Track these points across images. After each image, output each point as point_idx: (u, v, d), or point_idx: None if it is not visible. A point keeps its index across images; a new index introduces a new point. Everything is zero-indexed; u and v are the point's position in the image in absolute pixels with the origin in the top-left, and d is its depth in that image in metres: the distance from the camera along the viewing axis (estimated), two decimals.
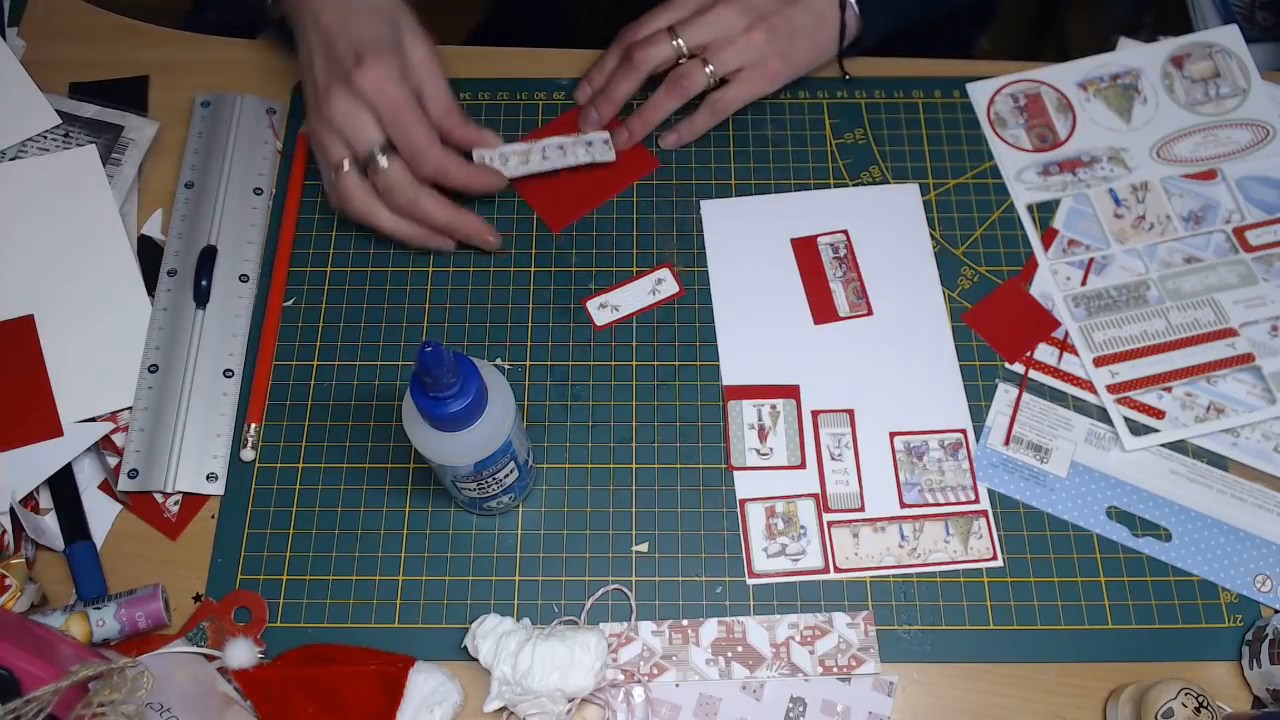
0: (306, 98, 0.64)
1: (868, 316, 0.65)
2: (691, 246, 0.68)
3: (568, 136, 0.68)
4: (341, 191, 0.62)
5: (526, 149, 0.67)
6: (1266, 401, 0.63)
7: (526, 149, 0.67)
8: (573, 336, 0.65)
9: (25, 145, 0.69)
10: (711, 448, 0.62)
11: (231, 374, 0.63)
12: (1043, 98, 0.72)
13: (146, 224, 0.68)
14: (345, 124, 0.60)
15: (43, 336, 0.64)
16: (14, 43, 0.73)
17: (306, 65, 0.63)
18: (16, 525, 0.59)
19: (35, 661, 0.46)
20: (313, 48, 0.62)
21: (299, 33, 0.64)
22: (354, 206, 0.63)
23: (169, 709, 0.51)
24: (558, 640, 0.54)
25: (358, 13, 0.61)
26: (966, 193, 0.69)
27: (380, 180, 0.61)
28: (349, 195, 0.62)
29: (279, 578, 0.59)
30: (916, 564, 0.59)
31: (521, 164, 0.67)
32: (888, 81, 0.73)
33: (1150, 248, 0.67)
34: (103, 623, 0.55)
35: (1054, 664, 0.57)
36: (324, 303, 0.66)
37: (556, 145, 0.68)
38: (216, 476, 0.61)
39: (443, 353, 0.45)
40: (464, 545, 0.60)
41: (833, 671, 0.56)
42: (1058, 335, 0.65)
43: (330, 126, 0.61)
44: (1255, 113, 0.71)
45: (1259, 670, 0.55)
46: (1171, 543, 0.60)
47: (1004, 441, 0.62)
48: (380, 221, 0.63)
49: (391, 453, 0.62)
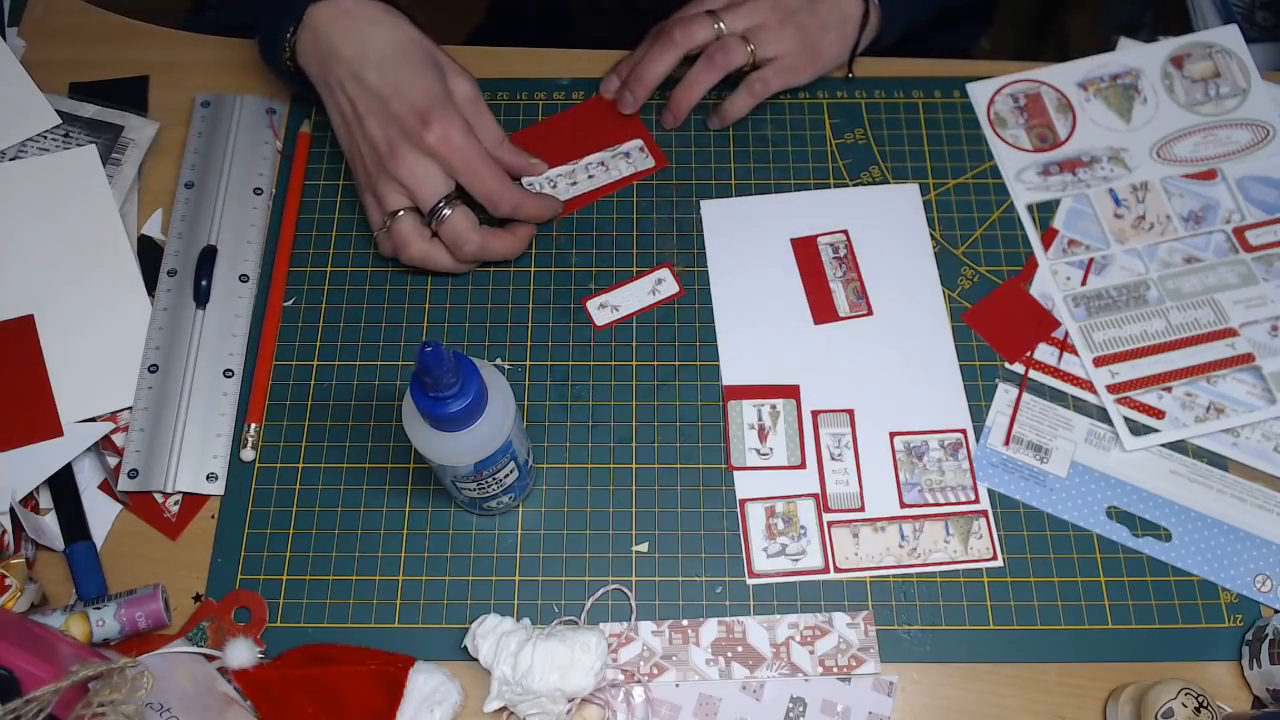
0: (359, 157, 0.63)
1: (868, 316, 0.65)
2: (691, 246, 0.68)
3: (605, 151, 0.70)
4: (398, 237, 0.62)
5: (571, 169, 0.68)
6: (1266, 401, 0.63)
7: (571, 169, 0.68)
8: (573, 336, 0.65)
9: (25, 145, 0.69)
10: (711, 448, 0.62)
11: (231, 374, 0.63)
12: (1043, 98, 0.72)
13: (146, 224, 0.68)
14: (412, 179, 0.60)
15: (43, 336, 0.64)
16: (14, 43, 0.73)
17: (355, 127, 0.62)
18: (16, 525, 0.59)
19: (35, 661, 0.46)
20: (362, 111, 0.61)
21: (331, 92, 0.63)
22: (413, 252, 0.62)
23: (169, 709, 0.51)
24: (558, 640, 0.54)
25: (402, 67, 0.61)
26: (966, 193, 0.69)
27: (446, 230, 0.62)
28: (407, 241, 0.62)
29: (279, 578, 0.59)
30: (916, 564, 0.59)
31: (570, 185, 0.68)
32: (888, 81, 0.73)
33: (1150, 248, 0.67)
34: (103, 623, 0.55)
35: (1054, 664, 0.57)
36: (324, 303, 0.66)
37: (598, 163, 0.69)
38: (216, 476, 0.61)
39: (443, 353, 0.45)
40: (464, 545, 0.60)
41: (833, 671, 0.56)
42: (1058, 335, 0.65)
43: (395, 182, 0.61)
44: (1255, 113, 0.71)
45: (1259, 670, 0.55)
46: (1171, 543, 0.60)
47: (1004, 441, 0.62)
48: (440, 265, 0.64)
49: (391, 453, 0.62)
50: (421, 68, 0.61)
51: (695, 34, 0.67)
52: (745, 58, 0.67)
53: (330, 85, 0.62)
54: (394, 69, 0.61)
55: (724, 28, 0.67)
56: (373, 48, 0.61)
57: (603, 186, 0.69)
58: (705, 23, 0.67)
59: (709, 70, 0.68)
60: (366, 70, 0.61)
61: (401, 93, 0.60)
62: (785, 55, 0.68)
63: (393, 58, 0.61)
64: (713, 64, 0.67)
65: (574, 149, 0.70)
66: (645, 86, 0.69)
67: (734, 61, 0.67)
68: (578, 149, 0.70)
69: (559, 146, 0.70)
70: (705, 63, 0.67)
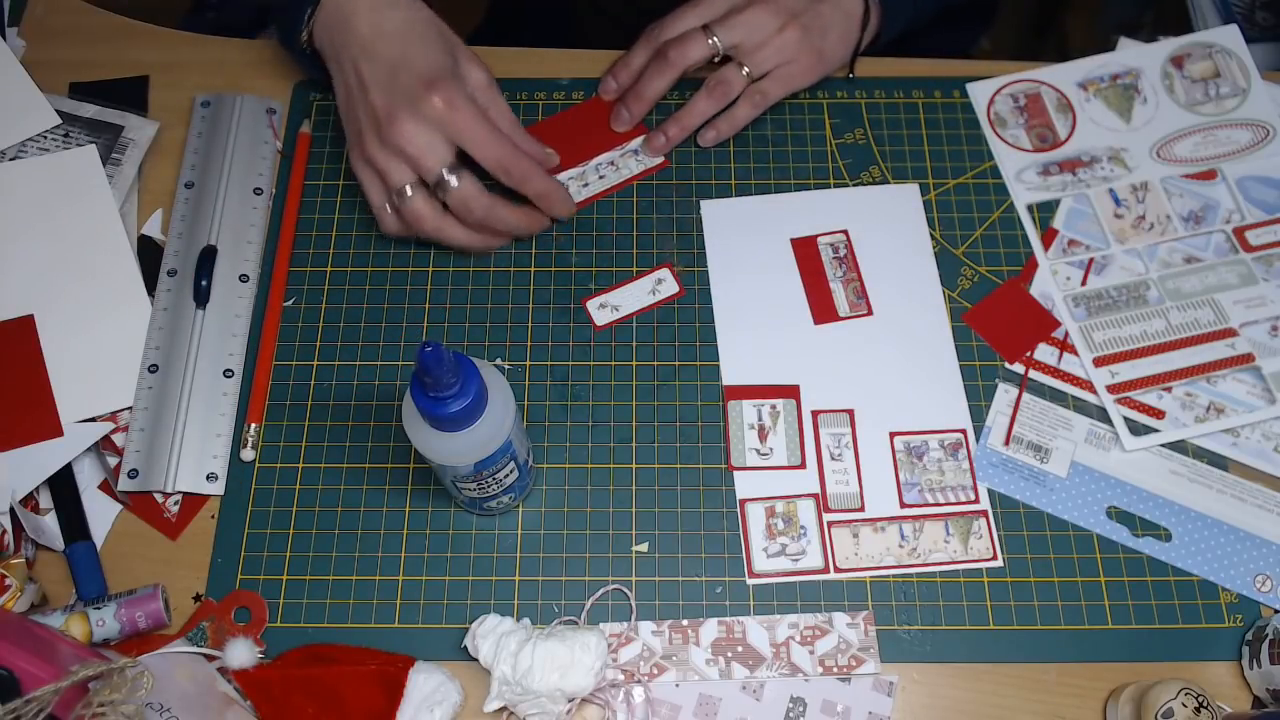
0: (358, 128, 0.62)
1: (868, 316, 0.65)
2: (691, 246, 0.68)
3: (614, 151, 0.70)
4: (412, 214, 0.62)
5: (581, 171, 0.68)
6: (1266, 401, 0.63)
7: (581, 171, 0.68)
8: (573, 336, 0.65)
9: (25, 145, 0.69)
10: (711, 448, 0.62)
11: (231, 374, 0.63)
12: (1043, 98, 0.72)
13: (146, 224, 0.68)
14: (413, 147, 0.60)
15: (43, 336, 0.64)
16: (14, 43, 0.73)
17: (357, 97, 0.62)
18: (16, 525, 0.59)
19: (35, 661, 0.46)
20: (368, 81, 0.61)
21: (341, 68, 0.63)
22: (427, 227, 0.62)
23: (169, 709, 0.51)
24: (558, 640, 0.54)
25: (415, 45, 0.61)
26: (966, 193, 0.69)
27: (453, 198, 0.61)
28: (421, 216, 0.62)
29: (279, 578, 0.59)
30: (916, 564, 0.59)
31: (582, 187, 0.68)
32: (888, 81, 0.73)
33: (1150, 248, 0.67)
34: (103, 623, 0.55)
35: (1054, 664, 0.57)
36: (324, 303, 0.66)
37: (608, 162, 0.69)
38: (216, 476, 0.61)
39: (443, 353, 0.45)
40: (464, 545, 0.60)
41: (833, 671, 0.56)
42: (1058, 335, 0.65)
43: (394, 152, 0.60)
44: (1255, 113, 0.71)
45: (1259, 670, 0.55)
46: (1171, 543, 0.60)
47: (1004, 441, 0.62)
48: (453, 237, 0.63)
49: (391, 453, 0.62)
50: (434, 46, 0.61)
51: (690, 53, 0.66)
52: (743, 84, 0.67)
53: (341, 61, 0.62)
54: (405, 44, 0.61)
55: (719, 43, 0.66)
56: (388, 25, 0.61)
57: (613, 186, 0.69)
58: (700, 40, 0.66)
59: (710, 102, 0.68)
60: (379, 44, 0.61)
61: (410, 64, 0.60)
62: (786, 62, 0.68)
63: (406, 34, 0.61)
64: (713, 95, 0.67)
65: (577, 150, 0.70)
66: (644, 104, 0.69)
67: (734, 92, 0.67)
68: (581, 150, 0.70)
69: (562, 149, 0.69)
70: (707, 92, 0.67)
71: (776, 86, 0.68)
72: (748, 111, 0.68)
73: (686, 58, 0.66)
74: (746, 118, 0.69)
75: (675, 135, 0.69)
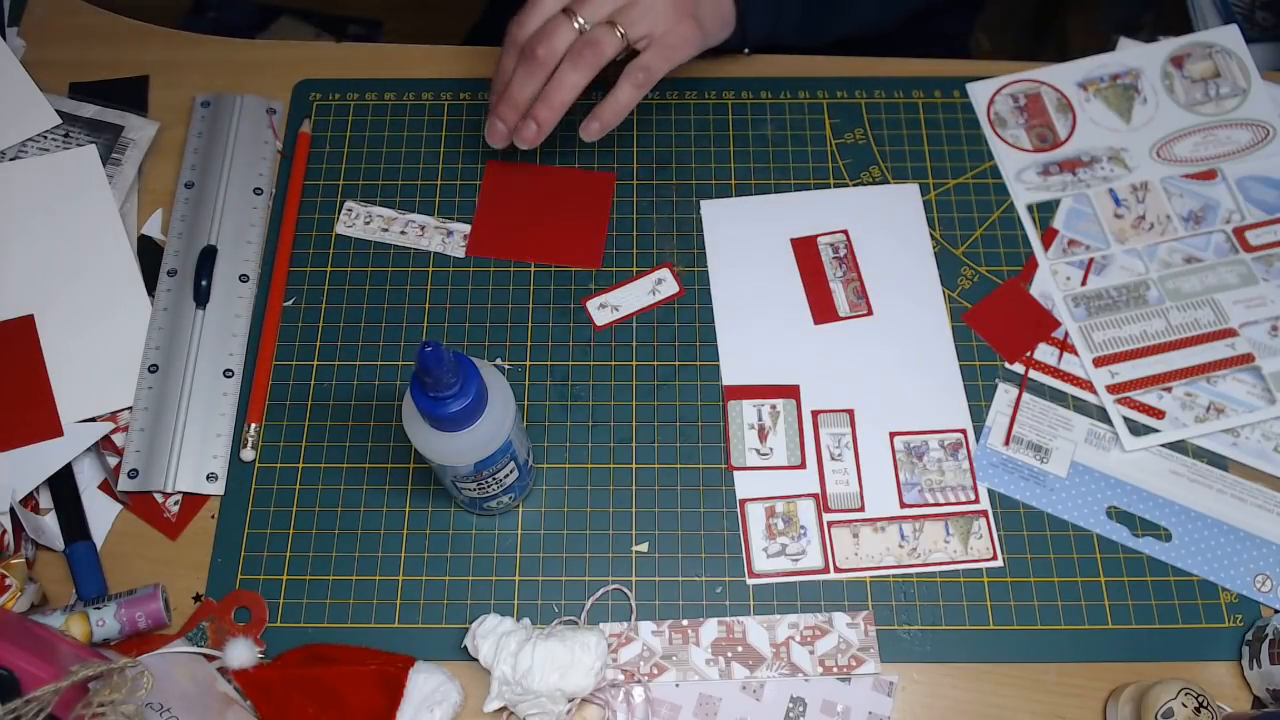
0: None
1: (868, 316, 0.65)
2: (691, 246, 0.68)
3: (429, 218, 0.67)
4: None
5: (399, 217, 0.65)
6: (1266, 401, 0.63)
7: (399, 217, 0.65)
8: (573, 336, 0.65)
9: (25, 145, 0.69)
10: (711, 448, 0.62)
11: (231, 374, 0.63)
12: (1043, 98, 0.72)
13: (146, 224, 0.68)
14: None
15: (43, 336, 0.64)
16: (14, 43, 0.73)
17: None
18: (16, 525, 0.59)
19: (35, 661, 0.46)
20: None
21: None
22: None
23: (169, 709, 0.51)
24: (558, 640, 0.54)
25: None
26: (966, 193, 0.69)
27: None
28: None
29: (279, 578, 0.59)
30: (916, 564, 0.59)
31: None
32: (888, 81, 0.73)
33: (1150, 248, 0.67)
34: (103, 623, 0.55)
35: (1054, 664, 0.57)
36: (324, 303, 0.66)
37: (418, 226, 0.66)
38: (216, 476, 0.61)
39: (443, 353, 0.45)
40: (464, 545, 0.60)
41: (833, 671, 0.56)
42: (1058, 335, 0.65)
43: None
44: (1255, 113, 0.71)
45: (1259, 670, 0.55)
46: (1171, 543, 0.60)
47: (1004, 441, 0.62)
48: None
49: (391, 453, 0.62)
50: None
51: (557, 42, 0.60)
52: (617, 44, 0.60)
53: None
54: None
55: (585, 22, 0.60)
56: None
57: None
58: (564, 25, 0.60)
59: (577, 71, 0.60)
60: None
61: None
62: (661, 30, 0.61)
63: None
64: (580, 61, 0.60)
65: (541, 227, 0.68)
66: (516, 110, 0.61)
67: (605, 52, 0.60)
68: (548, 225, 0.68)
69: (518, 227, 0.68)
70: (572, 60, 0.60)
71: (658, 59, 0.61)
72: (630, 93, 0.61)
73: (554, 50, 0.60)
74: (630, 100, 0.62)
75: (546, 118, 0.61)
